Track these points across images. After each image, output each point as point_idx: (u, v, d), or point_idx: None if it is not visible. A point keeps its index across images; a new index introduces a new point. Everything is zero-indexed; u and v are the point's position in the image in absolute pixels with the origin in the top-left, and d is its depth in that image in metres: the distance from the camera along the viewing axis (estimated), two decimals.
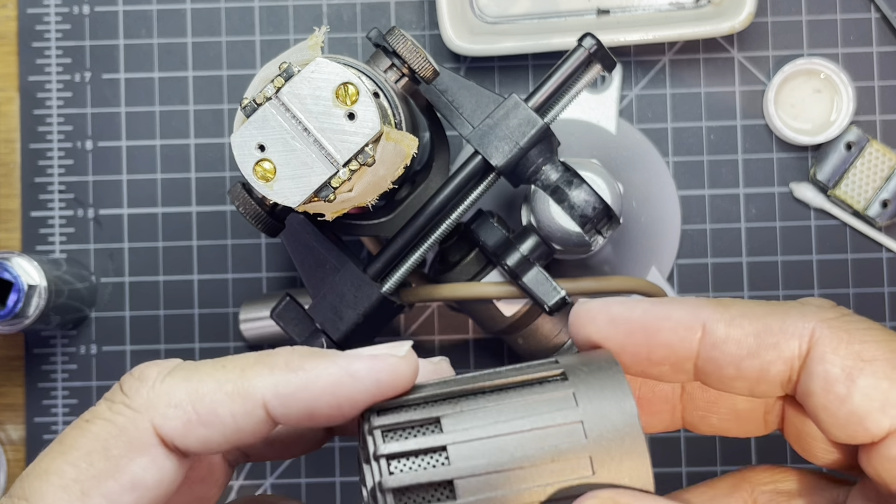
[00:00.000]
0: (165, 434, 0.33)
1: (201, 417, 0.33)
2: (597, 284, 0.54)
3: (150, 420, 0.33)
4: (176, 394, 0.33)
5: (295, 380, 0.33)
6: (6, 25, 0.63)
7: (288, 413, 0.33)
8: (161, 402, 0.33)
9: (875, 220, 0.61)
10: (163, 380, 0.33)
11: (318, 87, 0.46)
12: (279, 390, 0.33)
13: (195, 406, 0.33)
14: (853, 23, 0.62)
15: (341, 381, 0.33)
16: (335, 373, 0.33)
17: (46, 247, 0.62)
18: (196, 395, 0.33)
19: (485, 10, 0.61)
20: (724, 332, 0.34)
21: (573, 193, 0.51)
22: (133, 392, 0.33)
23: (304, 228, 0.53)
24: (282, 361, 0.33)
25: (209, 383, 0.33)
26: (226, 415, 0.33)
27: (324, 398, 0.33)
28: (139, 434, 0.33)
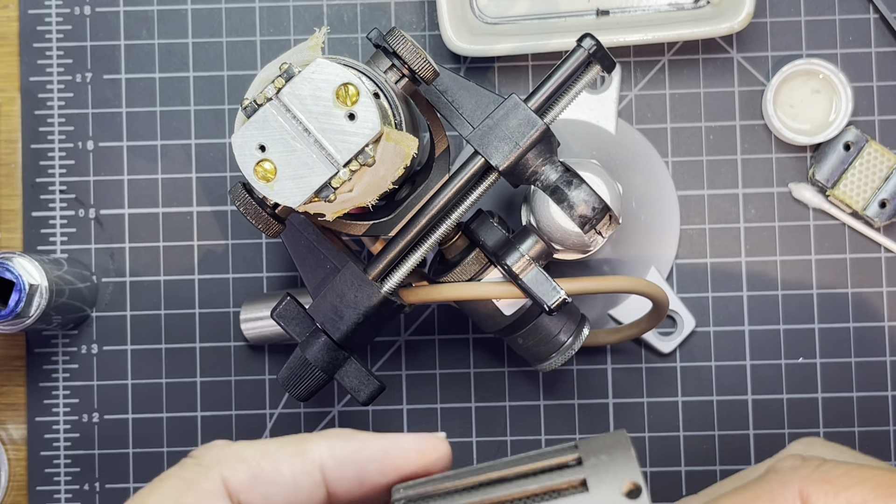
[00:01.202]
0: (233, 486, 0.35)
1: (265, 472, 0.35)
2: (596, 284, 0.54)
3: (219, 473, 0.35)
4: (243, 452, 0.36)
5: (349, 445, 0.36)
6: (7, 26, 0.63)
7: (342, 476, 0.36)
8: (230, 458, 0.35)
9: (873, 220, 0.61)
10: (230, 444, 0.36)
11: (319, 87, 0.46)
12: (335, 453, 0.36)
13: (260, 462, 0.35)
14: (852, 23, 0.62)
15: (389, 448, 0.36)
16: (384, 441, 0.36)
17: (48, 247, 0.62)
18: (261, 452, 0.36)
19: (485, 10, 0.61)
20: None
21: (573, 193, 0.51)
22: (202, 454, 0.36)
23: (304, 228, 0.53)
24: (336, 433, 0.37)
25: (272, 445, 0.36)
26: (287, 472, 0.35)
27: (374, 463, 0.36)
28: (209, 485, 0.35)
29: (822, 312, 0.61)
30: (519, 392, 0.62)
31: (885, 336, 0.61)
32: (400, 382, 0.62)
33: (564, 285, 0.53)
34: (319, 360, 0.52)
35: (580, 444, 0.36)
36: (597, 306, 0.61)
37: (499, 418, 0.62)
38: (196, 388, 0.62)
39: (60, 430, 0.62)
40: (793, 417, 0.61)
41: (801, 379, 0.61)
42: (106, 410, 0.62)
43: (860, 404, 0.61)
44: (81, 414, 0.62)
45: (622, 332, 0.59)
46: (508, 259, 0.53)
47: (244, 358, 0.62)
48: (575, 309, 0.57)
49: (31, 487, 0.61)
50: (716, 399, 0.61)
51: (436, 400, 0.62)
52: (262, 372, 0.62)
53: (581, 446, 0.36)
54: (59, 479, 0.61)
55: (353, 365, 0.52)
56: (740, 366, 0.61)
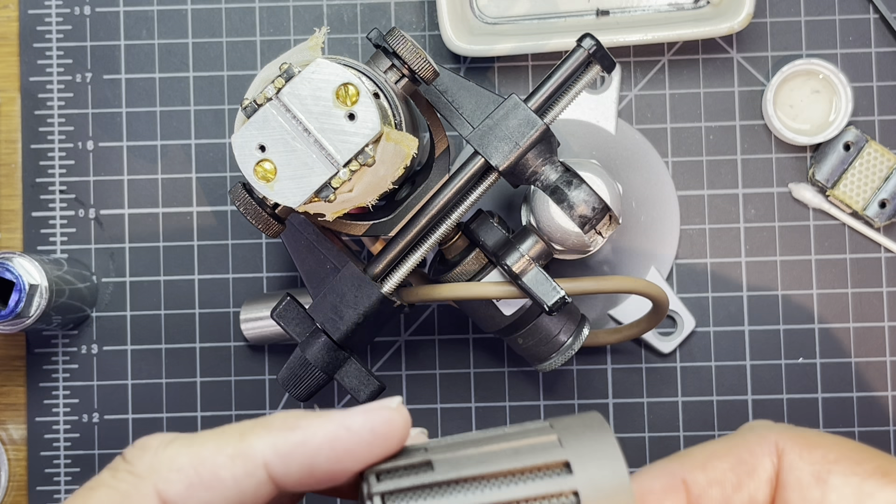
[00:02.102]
0: (168, 499, 0.33)
1: (204, 481, 0.33)
2: (596, 284, 0.54)
3: (153, 485, 0.33)
4: (178, 459, 0.33)
5: (293, 437, 0.33)
6: (7, 26, 0.63)
7: (288, 471, 0.33)
8: (164, 467, 0.33)
9: (873, 220, 0.61)
10: (165, 447, 0.34)
11: (319, 87, 0.46)
12: (278, 449, 0.33)
13: (197, 469, 0.33)
14: (852, 23, 0.62)
15: (338, 434, 0.33)
16: (331, 427, 0.33)
17: (48, 247, 0.62)
18: (198, 458, 0.33)
19: (484, 10, 0.61)
20: (703, 478, 0.36)
21: (573, 194, 0.51)
22: (136, 459, 0.34)
23: (304, 228, 0.53)
24: (279, 422, 0.34)
25: (210, 448, 0.33)
26: (227, 477, 0.33)
27: (322, 452, 0.33)
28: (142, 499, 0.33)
29: (821, 312, 0.61)
30: (519, 392, 0.62)
31: (885, 336, 0.61)
32: (400, 382, 0.62)
33: (564, 285, 0.53)
34: (319, 360, 0.52)
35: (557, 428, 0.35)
36: (597, 306, 0.61)
37: (499, 418, 0.62)
38: (196, 388, 0.62)
39: (60, 430, 0.62)
40: (793, 417, 0.61)
41: (801, 379, 0.61)
42: (106, 410, 0.62)
43: (860, 404, 0.61)
44: (81, 414, 0.62)
45: (622, 332, 0.59)
46: (508, 259, 0.53)
47: (244, 358, 0.62)
48: (575, 309, 0.57)
49: (31, 487, 0.61)
50: (716, 399, 0.61)
51: (436, 400, 0.62)
52: (262, 372, 0.62)
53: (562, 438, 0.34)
54: (59, 479, 0.61)
55: (353, 365, 0.52)
56: (740, 366, 0.61)
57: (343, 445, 0.33)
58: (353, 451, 0.33)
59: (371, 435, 0.33)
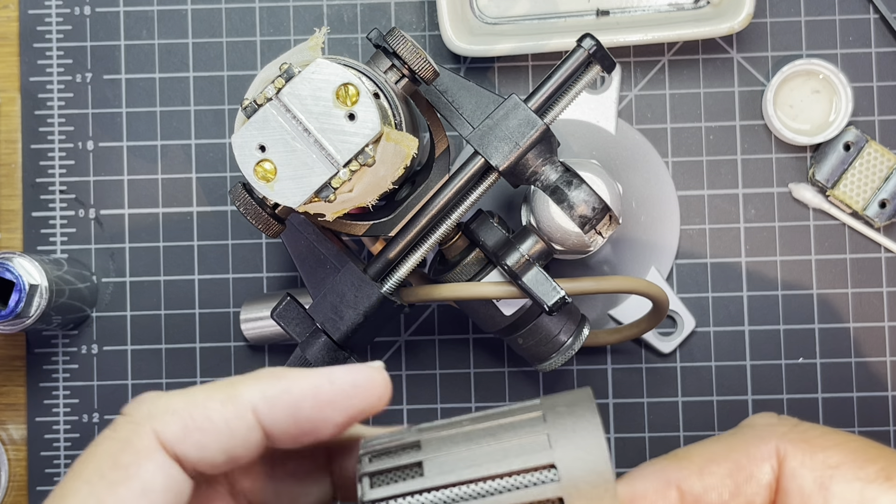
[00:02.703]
0: (166, 440, 0.35)
1: (196, 422, 0.35)
2: (596, 284, 0.54)
3: (151, 428, 0.35)
4: (173, 404, 0.35)
5: (279, 385, 0.36)
6: (7, 26, 0.63)
7: (274, 416, 0.35)
8: (159, 411, 0.35)
9: (873, 220, 0.61)
10: (160, 397, 0.36)
11: (319, 87, 0.46)
12: (265, 394, 0.35)
13: (191, 412, 0.35)
14: (852, 23, 0.62)
15: (321, 384, 0.36)
16: (315, 379, 0.36)
17: (48, 247, 0.62)
18: (191, 403, 0.35)
19: (485, 10, 0.62)
20: (699, 485, 0.36)
21: (573, 194, 0.51)
22: (133, 410, 0.36)
23: (304, 228, 0.53)
24: (267, 373, 0.36)
25: (201, 394, 0.36)
26: (219, 419, 0.35)
27: (306, 400, 0.36)
28: (143, 441, 0.34)
29: (822, 312, 0.61)
30: (519, 392, 0.62)
31: (885, 336, 0.61)
32: (400, 382, 0.62)
33: (564, 285, 0.53)
34: (319, 360, 0.52)
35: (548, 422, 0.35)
36: (597, 306, 0.61)
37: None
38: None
39: (60, 430, 0.62)
40: (793, 417, 0.61)
41: (801, 379, 0.61)
42: (106, 410, 0.62)
43: (860, 404, 0.61)
44: (81, 414, 0.62)
45: (622, 332, 0.59)
46: (508, 259, 0.53)
47: (244, 358, 0.62)
48: (575, 309, 0.57)
49: (31, 487, 0.61)
50: (716, 399, 0.61)
51: (436, 400, 0.62)
52: None
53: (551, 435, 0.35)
54: (59, 479, 0.61)
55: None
56: (740, 366, 0.61)
57: (326, 395, 0.36)
58: (335, 402, 0.36)
59: (352, 387, 0.36)
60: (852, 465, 0.35)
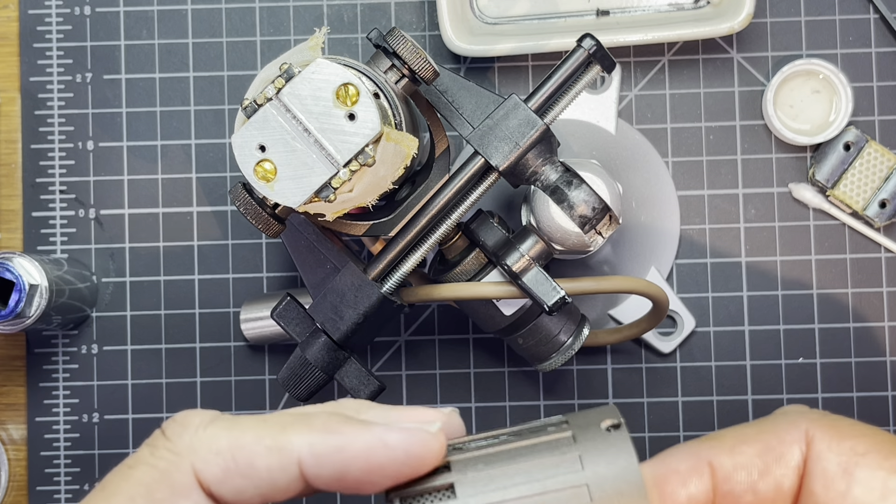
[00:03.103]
0: (205, 480, 0.33)
1: (240, 467, 0.33)
2: (596, 284, 0.54)
3: (191, 464, 0.33)
4: (218, 442, 0.34)
5: (331, 441, 0.34)
6: (7, 26, 0.63)
7: (320, 473, 0.34)
8: (203, 447, 0.33)
9: (874, 220, 0.61)
10: (205, 427, 0.34)
11: (319, 87, 0.46)
12: (315, 449, 0.34)
13: (235, 455, 0.33)
14: (852, 23, 0.62)
15: (375, 448, 0.34)
16: (370, 440, 0.34)
17: (48, 247, 0.62)
18: (236, 444, 0.34)
19: (485, 10, 0.62)
20: (730, 462, 0.35)
21: (573, 194, 0.51)
22: (176, 437, 0.34)
23: (304, 228, 0.53)
24: (320, 423, 0.34)
25: (249, 435, 0.34)
26: (262, 467, 0.33)
27: (356, 463, 0.34)
28: (181, 478, 0.33)
29: (822, 312, 0.61)
30: (519, 392, 0.62)
31: (885, 336, 0.61)
32: (400, 382, 0.62)
33: (564, 285, 0.53)
34: (319, 360, 0.52)
35: (579, 442, 0.35)
36: (597, 306, 0.61)
37: (499, 418, 0.62)
38: (196, 388, 0.62)
39: (60, 430, 0.62)
40: None
41: (801, 379, 0.61)
42: (106, 410, 0.62)
43: (860, 404, 0.61)
44: (81, 414, 0.62)
45: (622, 332, 0.59)
46: (508, 259, 0.53)
47: (244, 358, 0.62)
48: (575, 309, 0.57)
49: (31, 487, 0.61)
50: (716, 399, 0.61)
51: (436, 400, 0.62)
52: (262, 372, 0.62)
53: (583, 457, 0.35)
54: (59, 479, 0.61)
55: (353, 365, 0.53)
56: (740, 366, 0.61)
57: (377, 460, 0.34)
58: (386, 467, 0.34)
59: (406, 455, 0.34)
60: (878, 454, 0.35)
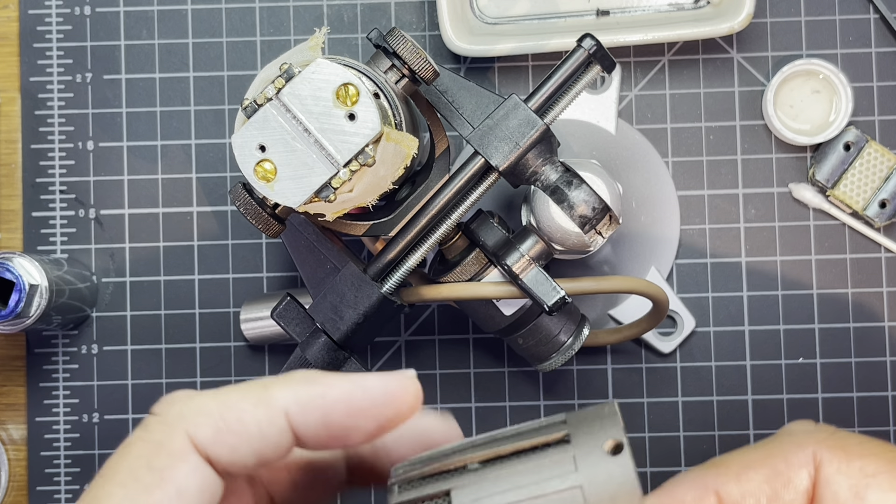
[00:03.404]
0: (199, 442, 0.34)
1: (229, 424, 0.35)
2: (596, 285, 0.54)
3: (184, 430, 0.35)
4: (206, 405, 0.35)
5: (312, 389, 0.35)
6: (7, 26, 0.63)
7: (307, 421, 0.35)
8: (192, 413, 0.35)
9: (874, 220, 0.61)
10: (192, 397, 0.36)
11: (319, 87, 0.46)
12: (298, 398, 0.35)
13: (223, 414, 0.35)
14: (852, 23, 0.62)
15: (353, 391, 0.36)
16: (348, 385, 0.36)
17: (48, 247, 0.62)
18: (224, 405, 0.35)
19: (485, 10, 0.62)
20: (737, 490, 0.35)
21: (573, 194, 0.51)
22: (165, 409, 0.36)
23: (304, 228, 0.53)
24: (300, 376, 0.36)
25: (234, 396, 0.35)
26: (251, 422, 0.35)
27: (338, 406, 0.35)
28: (176, 444, 0.34)
29: (822, 312, 0.61)
30: (519, 392, 0.62)
31: (885, 336, 0.61)
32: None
33: (564, 285, 0.53)
34: (319, 360, 0.52)
35: (570, 427, 0.35)
36: (597, 306, 0.61)
37: (499, 418, 0.62)
38: (196, 388, 0.62)
39: (60, 430, 0.62)
40: (793, 417, 0.61)
41: (801, 379, 0.61)
42: (106, 410, 0.62)
43: (860, 404, 0.61)
44: (81, 414, 0.62)
45: (622, 332, 0.59)
46: (508, 259, 0.53)
47: (244, 358, 0.62)
48: (575, 309, 0.57)
49: (31, 487, 0.61)
50: (716, 399, 0.61)
51: (436, 400, 0.62)
52: (262, 372, 0.62)
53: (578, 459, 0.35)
54: (59, 479, 0.61)
55: (353, 365, 0.53)
56: (740, 366, 0.61)
57: (358, 402, 0.35)
58: (367, 409, 0.35)
59: (384, 395, 0.35)
60: (889, 475, 0.35)
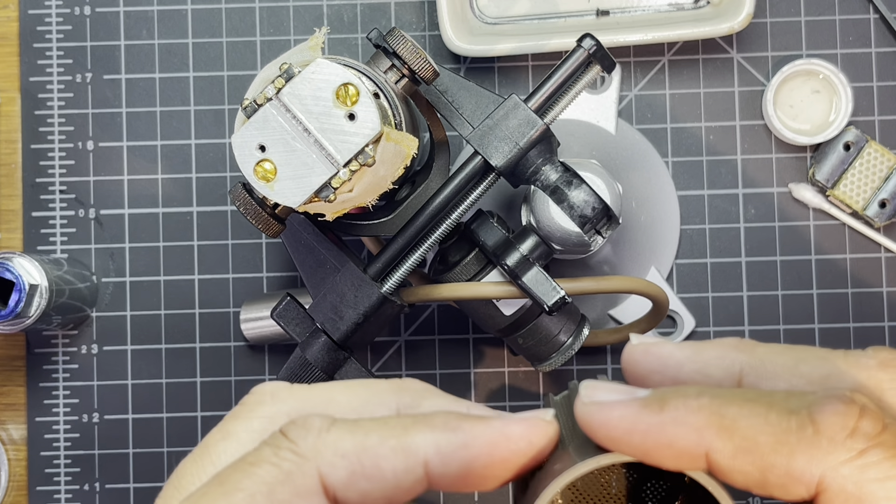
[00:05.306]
0: (330, 484, 0.33)
1: (366, 470, 0.33)
2: (596, 285, 0.54)
3: (317, 468, 0.33)
4: (343, 444, 0.33)
5: (455, 439, 0.33)
6: (7, 26, 0.63)
7: (446, 472, 0.33)
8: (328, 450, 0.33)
9: (873, 220, 0.61)
10: (328, 429, 0.33)
11: (319, 87, 0.46)
12: (440, 448, 0.33)
13: (361, 458, 0.33)
14: (852, 23, 0.62)
15: (498, 441, 0.33)
16: (492, 434, 0.33)
17: (48, 247, 0.62)
18: (361, 447, 0.33)
19: (485, 10, 0.62)
20: (728, 464, 0.33)
21: (573, 194, 0.51)
22: (300, 439, 0.33)
23: (304, 228, 0.53)
24: (441, 422, 0.34)
25: (373, 437, 0.33)
26: (388, 469, 0.33)
27: (481, 458, 0.33)
28: (305, 481, 0.32)
29: (822, 312, 0.61)
30: (519, 392, 0.62)
31: (885, 337, 0.61)
32: None
33: (564, 285, 0.53)
34: (319, 360, 0.52)
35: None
36: (597, 306, 0.61)
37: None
38: (196, 388, 0.62)
39: (60, 430, 0.62)
40: None
41: None
42: (106, 410, 0.62)
43: None
44: (81, 414, 0.62)
45: (622, 332, 0.59)
46: (508, 259, 0.53)
47: (244, 358, 0.62)
48: (575, 309, 0.57)
49: (31, 487, 0.61)
50: None
51: None
52: (262, 372, 0.62)
53: None
54: (59, 479, 0.61)
55: (353, 365, 0.52)
56: None
57: (500, 453, 0.33)
58: (508, 460, 0.34)
59: (528, 446, 0.34)
60: None
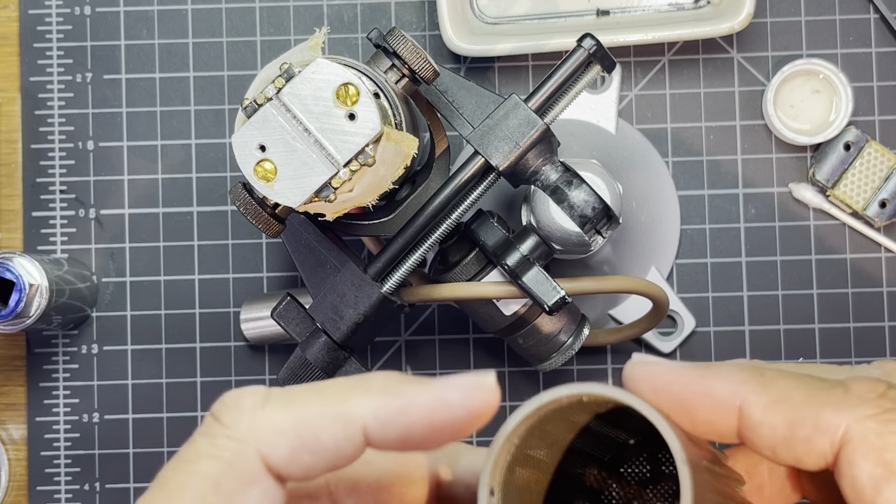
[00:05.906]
0: (273, 463, 0.32)
1: (306, 444, 0.32)
2: (596, 284, 0.54)
3: (257, 450, 0.32)
4: (280, 421, 0.32)
5: (393, 404, 0.33)
6: (7, 26, 0.63)
7: (385, 437, 0.33)
8: (266, 429, 0.32)
9: (874, 220, 0.61)
10: (262, 407, 0.33)
11: (319, 87, 0.46)
12: (379, 414, 0.33)
13: (300, 432, 0.32)
14: (852, 23, 0.62)
15: (436, 406, 0.33)
16: (431, 399, 0.33)
17: (48, 247, 0.62)
18: (300, 420, 0.32)
19: (485, 10, 0.62)
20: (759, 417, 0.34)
21: (573, 193, 0.51)
22: (233, 423, 0.33)
23: (304, 228, 0.53)
24: (379, 386, 0.33)
25: (310, 409, 0.33)
26: (328, 440, 0.32)
27: (420, 423, 0.33)
28: (248, 465, 0.32)
29: (822, 312, 0.61)
30: (519, 392, 0.62)
31: (885, 336, 0.61)
32: None
33: (564, 285, 0.53)
34: (319, 360, 0.52)
35: None
36: (597, 306, 0.61)
37: (499, 418, 0.62)
38: (196, 388, 0.62)
39: (60, 430, 0.62)
40: None
41: None
42: (106, 410, 0.62)
43: None
44: (81, 414, 0.62)
45: (622, 332, 0.59)
46: (508, 259, 0.53)
47: (244, 358, 0.62)
48: (575, 309, 0.57)
49: (31, 487, 0.61)
50: None
51: None
52: (262, 372, 0.62)
53: None
54: (59, 479, 0.61)
55: (353, 365, 0.52)
56: None
57: (440, 419, 0.33)
58: (447, 426, 0.33)
59: (466, 412, 0.33)
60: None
